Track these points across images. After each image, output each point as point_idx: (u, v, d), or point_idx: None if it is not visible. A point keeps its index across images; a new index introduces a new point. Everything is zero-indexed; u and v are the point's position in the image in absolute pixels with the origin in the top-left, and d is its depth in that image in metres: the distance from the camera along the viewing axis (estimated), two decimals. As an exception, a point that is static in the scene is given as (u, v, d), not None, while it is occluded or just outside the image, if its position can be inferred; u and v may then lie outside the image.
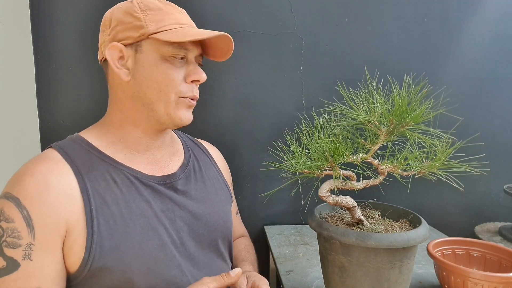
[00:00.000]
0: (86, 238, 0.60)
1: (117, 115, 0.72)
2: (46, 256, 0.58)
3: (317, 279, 1.01)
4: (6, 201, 0.58)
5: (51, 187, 0.59)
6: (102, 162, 0.67)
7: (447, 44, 1.50)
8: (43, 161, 0.62)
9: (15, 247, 0.56)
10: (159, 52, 0.67)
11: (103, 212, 0.62)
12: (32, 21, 1.29)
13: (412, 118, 0.74)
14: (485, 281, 0.79)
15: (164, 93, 0.68)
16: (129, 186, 0.67)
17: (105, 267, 0.60)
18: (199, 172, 0.80)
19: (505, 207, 1.59)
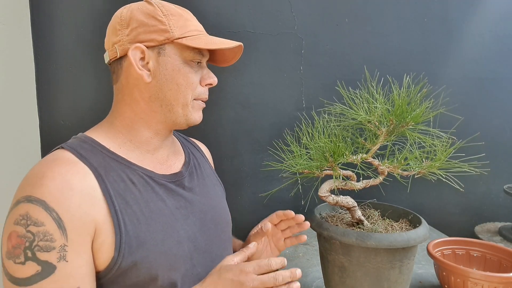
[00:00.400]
0: (114, 239, 0.60)
1: (128, 115, 0.73)
2: (80, 256, 0.58)
3: (317, 279, 1.01)
4: (31, 204, 0.56)
5: (75, 189, 0.59)
6: (116, 163, 0.67)
7: (447, 44, 1.50)
8: (60, 163, 0.61)
9: (49, 250, 0.55)
10: (181, 56, 0.70)
11: (126, 212, 0.63)
12: (32, 21, 1.29)
13: (412, 118, 0.74)
14: (485, 281, 0.79)
15: (183, 95, 0.71)
16: (145, 186, 0.68)
17: (133, 265, 0.61)
18: (199, 169, 0.83)
19: (505, 207, 1.59)
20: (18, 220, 0.56)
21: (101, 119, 1.29)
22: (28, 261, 0.55)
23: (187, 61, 0.71)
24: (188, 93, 0.71)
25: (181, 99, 0.71)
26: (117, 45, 0.71)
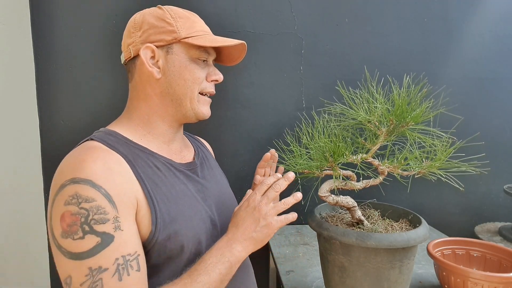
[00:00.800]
0: (151, 215, 0.67)
1: (144, 110, 0.79)
2: (131, 225, 0.64)
3: (317, 279, 1.01)
4: (78, 185, 0.60)
5: (115, 169, 0.64)
6: (140, 152, 0.73)
7: (447, 44, 1.50)
8: (96, 150, 0.66)
9: (104, 222, 0.60)
10: (188, 54, 0.77)
11: (157, 193, 0.69)
12: (32, 21, 1.29)
13: (412, 118, 0.74)
14: (485, 281, 0.79)
15: (190, 90, 0.77)
16: (169, 172, 0.75)
17: (167, 238, 0.68)
18: (206, 161, 0.92)
19: (505, 207, 1.59)
20: (68, 200, 0.60)
21: (101, 118, 1.31)
22: (86, 234, 0.59)
23: (193, 59, 0.77)
24: (195, 88, 0.77)
25: (189, 93, 0.77)
26: (131, 46, 0.77)
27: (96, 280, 0.58)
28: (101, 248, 0.59)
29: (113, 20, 1.33)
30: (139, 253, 0.63)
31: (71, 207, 0.59)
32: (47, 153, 1.35)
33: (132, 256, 0.62)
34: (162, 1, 1.35)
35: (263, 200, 0.71)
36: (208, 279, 0.65)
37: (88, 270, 0.58)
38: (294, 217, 0.74)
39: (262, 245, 0.72)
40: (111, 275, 0.59)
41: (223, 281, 0.67)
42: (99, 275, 0.58)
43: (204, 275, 0.65)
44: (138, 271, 0.62)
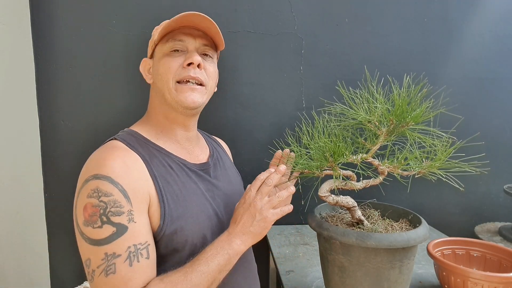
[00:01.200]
0: (160, 210, 0.73)
1: (153, 111, 0.87)
2: (143, 218, 0.71)
3: (317, 279, 1.01)
4: (99, 180, 0.69)
5: (132, 168, 0.72)
6: (157, 151, 0.80)
7: (447, 44, 1.50)
8: (117, 149, 0.74)
9: (119, 214, 0.68)
10: (161, 52, 0.82)
11: (168, 190, 0.76)
12: (32, 21, 1.29)
13: (412, 118, 0.74)
14: (485, 281, 0.79)
15: (165, 81, 0.81)
16: (181, 171, 0.81)
17: (174, 232, 0.74)
18: (221, 161, 0.96)
19: (505, 207, 1.59)
20: (90, 194, 0.68)
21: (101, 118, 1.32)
22: (104, 224, 0.67)
23: (166, 53, 0.82)
24: (169, 78, 0.80)
25: (165, 85, 0.81)
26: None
27: (110, 264, 0.65)
28: (116, 236, 0.66)
29: (113, 20, 1.33)
30: (149, 243, 0.70)
31: (92, 199, 0.68)
32: (47, 153, 1.35)
33: (142, 245, 0.69)
34: (162, 2, 1.35)
35: (258, 195, 0.74)
36: (207, 269, 0.69)
37: (104, 255, 0.66)
38: (290, 209, 0.77)
39: (261, 237, 0.76)
40: (123, 261, 0.66)
41: (222, 271, 0.72)
42: (113, 260, 0.66)
43: (203, 265, 0.69)
44: (147, 259, 0.69)
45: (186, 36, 0.81)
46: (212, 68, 0.85)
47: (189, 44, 0.82)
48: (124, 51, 1.35)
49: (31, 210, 1.32)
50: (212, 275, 0.69)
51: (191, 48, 0.82)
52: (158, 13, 1.35)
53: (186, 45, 0.82)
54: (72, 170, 1.36)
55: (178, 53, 0.81)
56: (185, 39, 0.81)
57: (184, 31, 0.82)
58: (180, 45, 0.81)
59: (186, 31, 0.82)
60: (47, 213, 1.38)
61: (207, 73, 0.83)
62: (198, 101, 0.82)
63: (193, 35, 0.82)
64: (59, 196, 1.38)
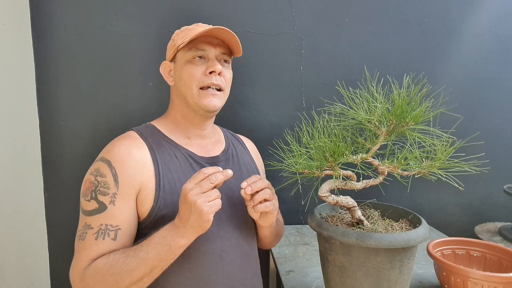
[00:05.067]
0: (155, 193, 0.81)
1: (173, 110, 0.95)
2: (124, 204, 0.79)
3: (317, 279, 1.01)
4: (102, 162, 0.82)
5: (133, 156, 0.82)
6: (167, 143, 0.89)
7: (447, 44, 1.50)
8: (127, 138, 0.86)
9: (105, 194, 0.79)
10: (184, 58, 0.89)
11: (167, 176, 0.84)
12: (32, 21, 1.29)
13: (412, 118, 0.74)
14: (485, 281, 0.79)
15: (189, 87, 0.88)
16: (185, 161, 0.88)
17: (166, 215, 0.81)
18: (236, 157, 1.00)
19: (505, 207, 1.59)
20: (92, 171, 0.82)
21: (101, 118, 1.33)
22: (92, 200, 0.79)
23: (189, 60, 0.88)
24: (192, 84, 0.88)
25: (188, 91, 0.88)
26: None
27: (84, 232, 0.78)
28: (96, 212, 0.78)
29: (113, 20, 1.33)
30: (121, 228, 0.79)
31: (91, 177, 0.81)
32: (47, 153, 1.35)
33: (113, 227, 0.78)
34: (164, 2, 1.35)
35: (194, 189, 0.72)
36: (145, 256, 0.73)
37: (84, 224, 0.79)
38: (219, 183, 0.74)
39: (204, 231, 0.74)
40: (92, 233, 0.77)
41: (163, 261, 0.74)
42: (87, 230, 0.78)
43: (144, 251, 0.73)
44: (113, 240, 0.77)
45: (207, 45, 0.88)
46: (229, 74, 0.93)
47: (210, 53, 0.89)
48: (124, 51, 1.35)
49: (31, 210, 1.32)
50: (150, 262, 0.72)
51: (211, 57, 0.89)
52: (158, 13, 1.35)
53: (207, 54, 0.89)
54: (72, 170, 1.36)
55: (200, 60, 0.88)
56: (206, 48, 0.88)
57: (205, 40, 0.88)
58: (202, 53, 0.88)
59: (207, 40, 0.88)
60: (47, 213, 1.38)
61: (225, 79, 0.91)
62: (218, 105, 0.90)
63: (213, 44, 0.89)
64: (59, 196, 1.38)
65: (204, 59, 0.89)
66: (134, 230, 0.82)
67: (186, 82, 0.88)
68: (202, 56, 0.89)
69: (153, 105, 1.38)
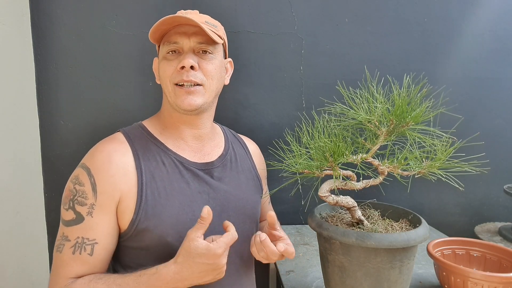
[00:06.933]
0: (135, 204, 0.75)
1: (163, 108, 0.89)
2: (103, 215, 0.73)
3: (317, 279, 1.01)
4: (82, 169, 0.76)
5: (113, 162, 0.75)
6: (155, 147, 0.82)
7: (446, 44, 1.50)
8: (111, 142, 0.79)
9: (82, 205, 0.73)
10: (161, 53, 0.83)
11: (151, 186, 0.76)
12: (32, 21, 1.29)
13: (412, 118, 0.74)
14: (485, 281, 0.79)
15: (165, 85, 0.82)
16: (174, 168, 0.80)
17: (147, 229, 0.74)
18: (234, 163, 0.92)
19: (505, 207, 1.59)
20: (72, 178, 0.77)
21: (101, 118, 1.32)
22: (69, 209, 0.74)
23: (164, 56, 0.81)
24: (167, 82, 0.81)
25: (165, 88, 0.82)
26: None
27: (62, 243, 0.73)
28: (74, 223, 0.73)
29: (113, 20, 1.33)
30: (98, 242, 0.73)
31: (70, 184, 0.76)
32: (47, 153, 1.35)
33: (89, 241, 0.73)
34: (164, 3, 1.35)
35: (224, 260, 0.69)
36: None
37: (62, 234, 0.74)
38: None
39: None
40: (69, 246, 0.72)
41: None
42: (64, 241, 0.73)
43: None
44: (89, 255, 0.72)
45: (180, 37, 0.79)
46: (211, 66, 0.81)
47: (184, 45, 0.79)
48: (124, 51, 1.35)
49: (31, 210, 1.32)
50: None
51: (186, 49, 0.80)
52: (159, 13, 1.35)
53: (181, 46, 0.79)
54: (72, 170, 1.36)
55: (174, 55, 0.80)
56: (179, 40, 0.79)
57: (179, 30, 0.79)
58: (175, 47, 0.80)
59: (181, 30, 0.79)
60: (47, 213, 1.38)
61: (205, 72, 0.80)
62: (196, 103, 0.79)
63: (188, 34, 0.79)
64: (59, 196, 1.37)
65: (178, 52, 0.80)
66: (113, 244, 0.76)
67: (162, 79, 0.82)
68: (176, 50, 0.80)
69: (153, 105, 1.38)
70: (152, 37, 0.81)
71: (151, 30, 0.78)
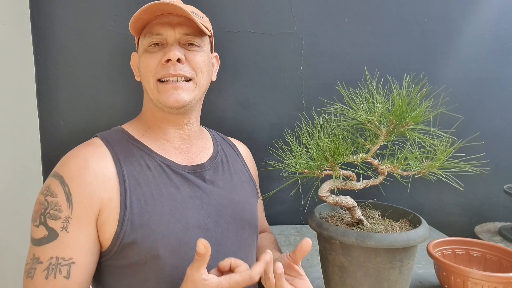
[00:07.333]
0: (119, 214, 0.65)
1: (144, 107, 0.81)
2: (81, 229, 0.64)
3: (317, 279, 1.01)
4: (54, 178, 0.66)
5: (91, 168, 0.66)
6: (138, 149, 0.73)
7: (446, 44, 1.50)
8: (87, 146, 0.70)
9: (56, 218, 0.63)
10: (142, 46, 0.75)
11: (136, 192, 0.67)
12: (32, 21, 1.29)
13: (412, 118, 0.74)
14: (485, 281, 0.79)
15: (146, 80, 0.74)
16: (161, 172, 0.72)
17: (134, 242, 0.65)
18: (226, 164, 0.84)
19: (505, 207, 1.59)
20: (43, 190, 0.66)
21: (101, 118, 1.31)
22: (40, 225, 0.64)
23: (146, 49, 0.73)
24: (149, 77, 0.73)
25: (147, 85, 0.74)
26: None
27: (32, 268, 0.62)
28: (46, 241, 0.62)
29: (113, 20, 1.33)
30: (75, 261, 0.63)
31: (41, 196, 0.66)
32: (47, 153, 1.35)
33: (65, 261, 0.62)
34: (162, 1, 1.35)
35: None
36: None
37: (32, 256, 0.63)
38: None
39: None
40: (42, 270, 0.61)
41: None
42: (35, 265, 0.62)
43: None
44: (66, 278, 0.61)
45: (163, 27, 0.71)
46: (200, 58, 0.74)
47: (168, 36, 0.71)
48: (124, 51, 1.35)
49: (31, 210, 1.32)
50: None
51: (170, 41, 0.72)
52: (158, 13, 1.35)
53: (165, 38, 0.72)
54: (72, 170, 1.36)
55: (157, 47, 0.72)
56: (163, 31, 0.71)
57: (162, 20, 0.71)
58: (158, 39, 0.72)
59: (164, 20, 0.71)
60: (47, 213, 1.38)
61: (193, 65, 0.73)
62: (183, 100, 0.72)
63: (172, 24, 0.71)
64: (59, 196, 1.37)
65: (162, 45, 0.73)
66: (93, 263, 0.66)
67: (143, 75, 0.74)
68: (159, 43, 0.72)
69: (153, 105, 1.38)
70: (132, 28, 0.73)
71: (132, 20, 0.70)
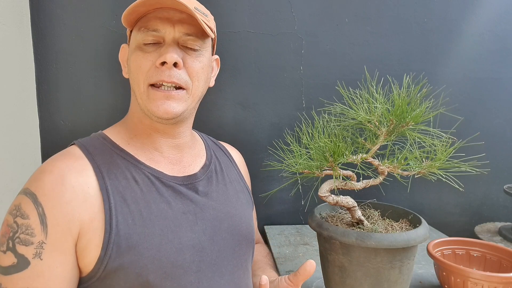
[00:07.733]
0: (103, 237, 0.57)
1: (131, 110, 0.72)
2: (57, 256, 0.56)
3: (317, 279, 1.01)
4: (25, 196, 0.57)
5: (68, 185, 0.57)
6: (123, 160, 0.65)
7: (446, 44, 1.50)
8: (64, 158, 0.61)
9: (27, 244, 0.54)
10: (135, 42, 0.65)
11: (122, 211, 0.59)
12: (32, 21, 1.29)
13: (412, 118, 0.74)
14: (485, 281, 0.79)
15: (136, 82, 0.65)
16: (150, 186, 0.64)
17: (121, 268, 0.57)
18: (220, 173, 0.77)
19: (505, 207, 1.59)
20: (11, 209, 0.57)
21: (100, 119, 1.31)
22: (8, 251, 0.55)
23: (139, 46, 0.64)
24: (139, 80, 0.64)
25: (136, 88, 0.65)
26: None
27: None
28: (14, 271, 0.54)
29: (113, 20, 1.33)
30: None
31: (9, 217, 0.57)
32: (47, 153, 1.35)
33: None
34: (162, 1, 1.35)
35: None
36: None
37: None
38: None
39: None
40: None
41: None
42: None
43: None
44: None
45: (162, 24, 0.62)
46: (198, 65, 0.65)
47: (166, 34, 0.63)
48: (124, 51, 1.35)
49: (31, 210, 1.32)
50: None
51: (168, 40, 0.63)
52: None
53: (163, 36, 0.63)
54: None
55: (152, 47, 0.63)
56: (160, 27, 0.62)
57: (161, 14, 0.62)
58: (154, 36, 0.63)
59: (163, 15, 0.62)
60: (47, 213, 1.38)
61: (190, 72, 0.64)
62: (174, 111, 0.63)
63: (172, 21, 0.62)
64: (59, 196, 1.37)
65: (158, 44, 0.64)
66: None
67: (133, 75, 0.65)
68: (155, 41, 0.63)
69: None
70: (125, 20, 0.64)
71: (126, 12, 0.61)
